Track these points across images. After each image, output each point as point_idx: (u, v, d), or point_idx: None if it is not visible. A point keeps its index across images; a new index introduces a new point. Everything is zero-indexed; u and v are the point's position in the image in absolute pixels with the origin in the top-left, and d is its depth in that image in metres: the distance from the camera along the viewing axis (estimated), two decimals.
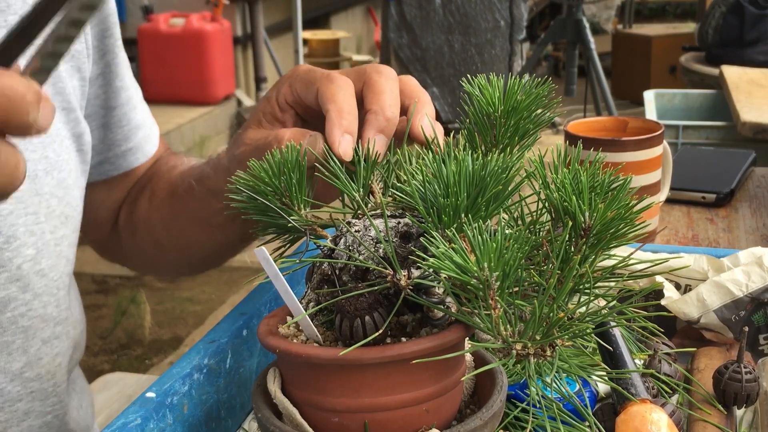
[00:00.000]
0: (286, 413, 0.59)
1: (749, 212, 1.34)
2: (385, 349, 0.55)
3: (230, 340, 0.74)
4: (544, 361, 0.52)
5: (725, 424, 0.68)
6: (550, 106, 0.69)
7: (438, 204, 0.56)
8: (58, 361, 0.86)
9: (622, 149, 1.11)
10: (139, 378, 1.72)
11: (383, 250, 0.59)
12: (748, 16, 2.89)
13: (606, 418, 0.66)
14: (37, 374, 0.83)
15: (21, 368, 0.81)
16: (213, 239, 0.89)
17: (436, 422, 0.59)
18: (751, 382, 0.69)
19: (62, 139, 0.83)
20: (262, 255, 0.59)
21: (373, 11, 7.38)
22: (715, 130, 2.09)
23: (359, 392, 0.56)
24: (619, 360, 0.66)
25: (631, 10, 7.06)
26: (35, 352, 0.82)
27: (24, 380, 0.82)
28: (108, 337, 3.20)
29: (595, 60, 3.99)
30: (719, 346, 0.80)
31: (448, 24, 4.85)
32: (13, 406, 0.82)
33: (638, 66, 6.04)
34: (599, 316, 0.55)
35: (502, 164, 0.57)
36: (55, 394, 0.86)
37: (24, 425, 0.83)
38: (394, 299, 0.57)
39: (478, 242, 0.52)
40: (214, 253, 0.94)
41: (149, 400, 0.64)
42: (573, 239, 0.57)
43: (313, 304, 0.62)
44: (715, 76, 2.60)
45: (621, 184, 0.58)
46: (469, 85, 0.69)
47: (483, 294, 0.51)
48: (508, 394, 0.65)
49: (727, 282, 0.80)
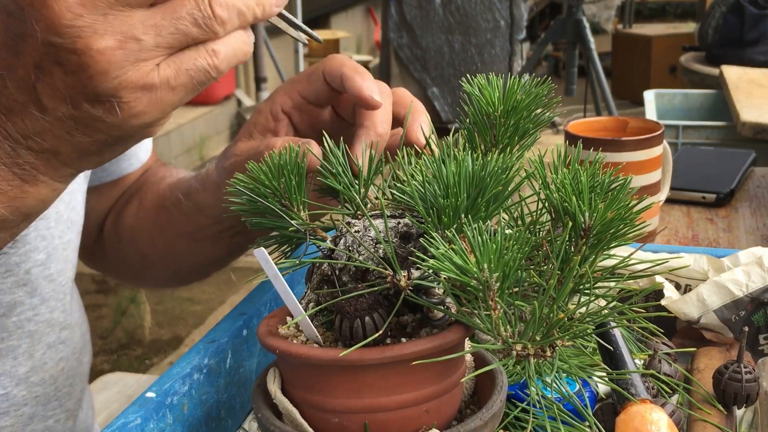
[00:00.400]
0: (287, 413, 0.59)
1: (749, 212, 1.34)
2: (385, 350, 0.55)
3: (230, 340, 0.74)
4: (544, 362, 0.52)
5: (725, 424, 0.68)
6: (550, 105, 0.69)
7: (438, 204, 0.56)
8: (61, 365, 0.86)
9: (622, 149, 1.11)
10: (139, 378, 1.73)
11: (383, 251, 0.59)
12: (748, 16, 2.89)
13: (606, 418, 0.66)
14: (41, 378, 0.83)
15: (26, 372, 0.81)
16: (199, 253, 0.88)
17: (436, 422, 0.59)
18: (751, 382, 0.69)
19: None
20: (262, 255, 0.59)
21: (373, 11, 7.39)
22: (715, 130, 2.09)
23: (359, 393, 0.56)
24: (619, 360, 0.66)
25: (631, 10, 7.06)
26: (40, 356, 0.82)
27: (29, 384, 0.82)
28: (108, 337, 3.20)
29: (595, 60, 3.99)
30: (719, 346, 0.80)
31: (448, 24, 4.85)
32: (18, 410, 0.81)
33: (638, 66, 6.04)
34: (599, 316, 0.55)
35: (502, 164, 0.57)
36: (56, 399, 0.86)
37: (28, 429, 0.83)
38: (393, 300, 0.57)
39: (477, 243, 0.52)
40: (200, 267, 0.93)
41: (149, 400, 0.64)
42: (573, 239, 0.57)
43: (313, 304, 0.62)
44: (715, 76, 2.60)
45: (621, 184, 0.58)
46: (469, 85, 0.69)
47: (483, 295, 0.51)
48: (508, 394, 0.65)
49: (727, 282, 0.80)
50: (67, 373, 0.87)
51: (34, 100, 0.51)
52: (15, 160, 0.53)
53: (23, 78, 0.51)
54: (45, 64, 0.50)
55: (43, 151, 0.53)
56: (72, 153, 0.53)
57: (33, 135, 0.52)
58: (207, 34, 0.52)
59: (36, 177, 0.54)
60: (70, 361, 0.88)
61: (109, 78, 0.50)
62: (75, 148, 0.53)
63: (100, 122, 0.52)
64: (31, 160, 0.53)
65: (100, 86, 0.50)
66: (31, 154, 0.53)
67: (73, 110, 0.51)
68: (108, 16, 0.49)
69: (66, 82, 0.50)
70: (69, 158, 0.54)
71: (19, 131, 0.52)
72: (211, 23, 0.52)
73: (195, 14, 0.51)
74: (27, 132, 0.52)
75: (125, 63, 0.50)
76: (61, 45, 0.49)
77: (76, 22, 0.49)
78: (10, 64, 0.51)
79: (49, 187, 0.55)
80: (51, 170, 0.54)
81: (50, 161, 0.53)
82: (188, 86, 0.53)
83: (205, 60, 0.53)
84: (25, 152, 0.53)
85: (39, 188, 0.54)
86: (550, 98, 0.69)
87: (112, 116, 0.51)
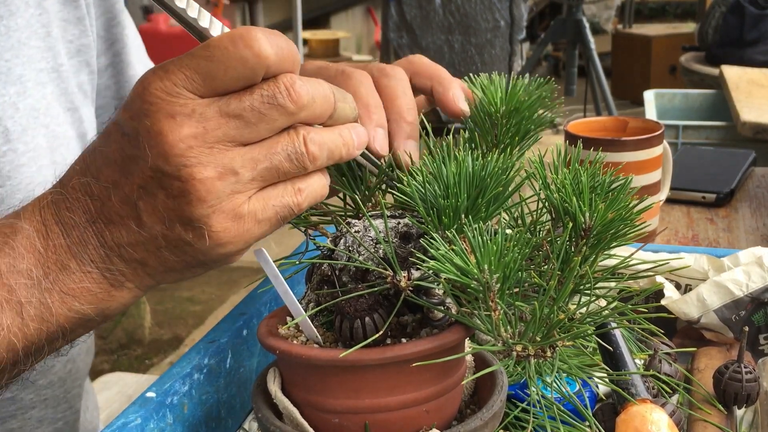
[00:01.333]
0: (287, 413, 0.59)
1: (749, 212, 1.34)
2: (385, 350, 0.55)
3: (230, 340, 0.74)
4: (545, 362, 0.52)
5: (725, 424, 0.68)
6: (552, 106, 0.69)
7: (438, 205, 0.56)
8: (68, 367, 0.86)
9: (622, 149, 1.11)
10: (139, 378, 1.72)
11: (383, 251, 0.59)
12: (748, 16, 2.88)
13: (606, 418, 0.66)
14: (49, 381, 0.84)
15: (34, 376, 0.81)
16: None
17: (437, 423, 0.59)
18: (751, 382, 0.69)
19: (69, 140, 0.83)
20: (262, 256, 0.59)
21: (373, 11, 7.38)
22: (715, 130, 2.08)
23: (359, 393, 0.56)
24: (619, 360, 0.66)
25: (631, 10, 7.05)
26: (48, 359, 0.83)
27: (37, 388, 0.82)
28: (108, 337, 3.20)
29: (595, 60, 3.99)
30: (719, 346, 0.80)
31: (448, 24, 4.85)
32: (26, 413, 0.82)
33: (638, 66, 6.04)
34: (600, 316, 0.55)
35: (502, 165, 0.57)
36: (65, 401, 0.87)
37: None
38: (394, 300, 0.57)
39: (478, 243, 0.51)
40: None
41: (149, 400, 0.64)
42: (573, 240, 0.57)
43: (313, 305, 0.62)
44: (715, 76, 2.60)
45: (621, 185, 0.58)
46: (472, 84, 0.69)
47: (483, 296, 0.51)
48: (509, 394, 0.65)
49: (728, 282, 0.80)
50: (74, 375, 0.88)
51: (134, 216, 0.55)
52: (107, 266, 0.56)
53: (127, 195, 0.55)
54: (150, 185, 0.54)
55: (132, 261, 0.57)
56: (158, 267, 0.57)
57: (126, 245, 0.56)
58: (297, 170, 0.56)
59: (123, 283, 0.57)
60: (77, 363, 0.88)
61: (205, 206, 0.53)
62: (161, 263, 0.56)
63: (188, 246, 0.55)
64: (122, 267, 0.57)
65: (195, 212, 0.54)
66: (122, 262, 0.57)
67: (166, 230, 0.55)
68: (213, 149, 0.53)
69: (166, 204, 0.54)
70: (155, 271, 0.57)
71: (114, 240, 0.56)
72: (303, 159, 0.55)
73: (289, 150, 0.55)
74: (122, 242, 0.56)
75: (222, 194, 0.54)
76: (168, 172, 0.53)
77: (185, 152, 0.53)
78: (117, 181, 0.55)
79: (131, 294, 0.58)
80: (137, 279, 0.57)
81: (137, 271, 0.57)
82: (272, 221, 0.56)
83: (291, 197, 0.56)
84: (117, 260, 0.56)
85: (123, 293, 0.58)
86: (552, 99, 0.69)
87: (200, 242, 0.55)
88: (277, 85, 0.54)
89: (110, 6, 0.92)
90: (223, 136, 0.53)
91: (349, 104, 0.59)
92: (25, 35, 0.81)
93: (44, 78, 0.83)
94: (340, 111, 0.58)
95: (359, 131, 0.60)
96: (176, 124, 0.52)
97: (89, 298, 0.56)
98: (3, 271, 0.55)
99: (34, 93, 0.81)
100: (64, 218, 0.56)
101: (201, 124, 0.53)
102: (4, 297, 0.54)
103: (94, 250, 0.56)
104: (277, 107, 0.54)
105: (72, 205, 0.56)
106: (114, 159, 0.55)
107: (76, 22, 0.87)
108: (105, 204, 0.55)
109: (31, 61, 0.82)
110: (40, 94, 0.82)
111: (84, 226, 0.56)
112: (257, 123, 0.54)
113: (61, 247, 0.56)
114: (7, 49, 0.79)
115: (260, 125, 0.54)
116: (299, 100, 0.54)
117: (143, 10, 5.43)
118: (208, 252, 0.55)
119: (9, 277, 0.55)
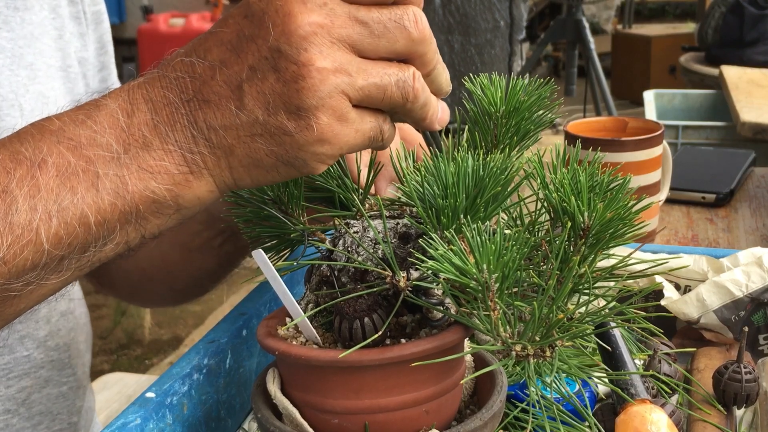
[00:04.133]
0: (286, 413, 0.59)
1: (749, 212, 1.34)
2: (384, 351, 0.55)
3: (230, 340, 0.74)
4: (544, 362, 0.52)
5: (725, 424, 0.68)
6: (551, 106, 0.69)
7: (437, 205, 0.56)
8: (72, 335, 0.91)
9: (621, 149, 1.11)
10: (139, 378, 1.73)
11: (382, 252, 0.59)
12: (748, 16, 2.89)
13: (606, 419, 0.66)
14: (56, 344, 0.88)
15: (45, 336, 0.87)
16: (192, 264, 0.91)
17: (436, 423, 0.59)
18: (750, 382, 0.69)
19: None
20: (260, 257, 0.59)
21: None
22: (715, 130, 2.09)
23: (359, 394, 0.56)
24: (618, 360, 0.66)
25: (631, 10, 7.05)
26: (55, 322, 0.88)
27: (47, 348, 0.87)
28: (108, 337, 3.20)
29: (595, 60, 3.99)
30: (719, 346, 0.80)
31: (448, 24, 4.85)
32: (37, 372, 0.86)
33: (638, 66, 6.04)
34: (599, 316, 0.55)
35: (501, 165, 0.57)
36: (69, 366, 0.91)
37: (44, 392, 0.88)
38: (393, 300, 0.57)
39: (476, 243, 0.51)
40: (195, 280, 0.96)
41: (149, 400, 0.64)
42: (572, 239, 0.56)
43: (312, 305, 0.62)
44: (715, 76, 2.60)
45: (620, 184, 0.58)
46: (471, 84, 0.69)
47: (482, 296, 0.51)
48: (508, 394, 0.65)
49: (727, 282, 0.80)
50: (77, 345, 0.92)
51: (236, 97, 0.54)
52: (191, 147, 0.55)
53: (234, 75, 0.54)
54: (262, 66, 0.53)
55: (219, 147, 0.55)
56: (244, 158, 0.55)
57: (219, 127, 0.54)
58: (400, 99, 0.56)
59: (201, 171, 0.56)
60: (77, 332, 0.93)
61: (316, 96, 0.53)
62: (249, 153, 0.55)
63: (287, 136, 0.54)
64: (205, 152, 0.55)
65: (305, 101, 0.53)
66: (208, 146, 0.55)
67: (268, 116, 0.54)
68: (334, 45, 0.54)
69: (275, 88, 0.53)
70: (239, 162, 0.56)
71: (207, 122, 0.54)
72: (408, 91, 0.56)
73: (399, 76, 0.56)
74: (214, 124, 0.54)
75: (333, 89, 0.53)
76: (287, 53, 0.53)
77: (309, 36, 0.53)
78: (226, 60, 0.54)
79: (207, 187, 0.57)
80: (217, 169, 0.56)
81: (220, 160, 0.55)
82: (365, 137, 0.56)
83: (383, 123, 0.57)
84: (204, 143, 0.55)
85: (200, 183, 0.56)
86: (552, 99, 0.69)
87: (302, 134, 0.54)
88: (406, 10, 0.55)
89: (101, 35, 0.96)
90: (346, 36, 0.54)
91: (446, 76, 0.61)
92: (38, 31, 0.84)
93: (54, 73, 0.87)
94: (439, 71, 0.59)
95: (445, 108, 0.61)
96: (306, 9, 0.53)
97: (166, 179, 0.55)
98: (83, 143, 0.54)
99: (43, 81, 0.84)
100: (155, 96, 0.55)
101: (329, 17, 0.53)
102: (81, 167, 0.54)
103: (181, 130, 0.55)
104: (401, 28, 0.55)
105: (169, 84, 0.55)
106: (228, 40, 0.55)
107: (79, 36, 0.92)
108: (206, 83, 0.54)
109: (42, 55, 0.85)
110: (50, 85, 0.85)
111: (176, 105, 0.55)
112: (380, 37, 0.55)
113: (146, 124, 0.55)
114: (21, 37, 0.82)
115: (381, 40, 0.55)
116: (423, 30, 0.56)
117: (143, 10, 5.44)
118: (305, 146, 0.54)
119: (89, 149, 0.54)
